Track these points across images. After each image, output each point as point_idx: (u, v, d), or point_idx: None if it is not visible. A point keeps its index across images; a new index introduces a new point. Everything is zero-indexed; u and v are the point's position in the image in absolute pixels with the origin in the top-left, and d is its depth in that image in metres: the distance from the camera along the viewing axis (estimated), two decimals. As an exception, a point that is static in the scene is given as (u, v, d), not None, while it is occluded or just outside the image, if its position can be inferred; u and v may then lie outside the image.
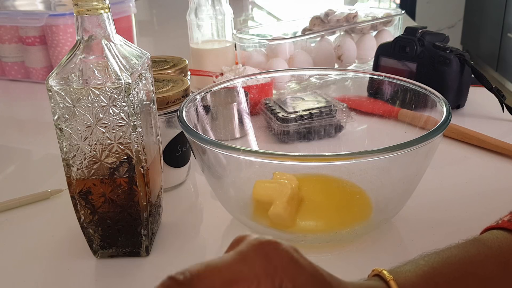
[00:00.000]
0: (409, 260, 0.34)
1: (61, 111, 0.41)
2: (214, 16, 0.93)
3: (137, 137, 0.43)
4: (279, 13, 1.86)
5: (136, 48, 0.46)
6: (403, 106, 0.58)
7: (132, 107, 0.42)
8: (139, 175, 0.44)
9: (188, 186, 0.62)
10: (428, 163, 0.48)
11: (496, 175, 0.62)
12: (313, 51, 0.96)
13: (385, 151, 0.41)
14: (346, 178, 0.51)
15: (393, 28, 1.07)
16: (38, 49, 1.03)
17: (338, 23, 1.00)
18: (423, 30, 0.80)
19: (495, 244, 0.35)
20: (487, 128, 0.70)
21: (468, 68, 0.77)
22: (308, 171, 0.52)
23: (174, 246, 0.50)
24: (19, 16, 1.01)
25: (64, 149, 0.43)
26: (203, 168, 0.50)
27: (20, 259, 0.49)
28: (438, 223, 0.52)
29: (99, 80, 0.40)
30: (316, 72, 0.85)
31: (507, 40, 3.04)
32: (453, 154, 0.68)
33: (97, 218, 0.46)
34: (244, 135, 0.66)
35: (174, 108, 0.56)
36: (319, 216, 0.50)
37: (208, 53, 0.94)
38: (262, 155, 0.43)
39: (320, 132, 0.69)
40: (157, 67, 0.67)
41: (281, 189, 0.47)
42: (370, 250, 0.48)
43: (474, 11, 3.57)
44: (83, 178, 0.44)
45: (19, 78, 1.08)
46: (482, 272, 0.34)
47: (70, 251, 0.50)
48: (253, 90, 0.70)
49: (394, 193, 0.49)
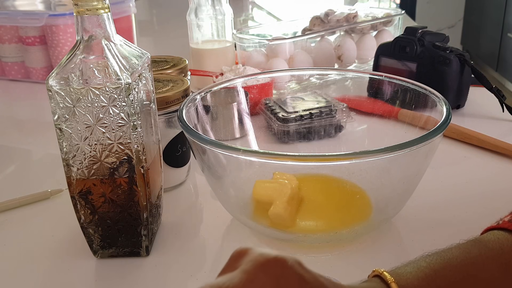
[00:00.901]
0: (409, 261, 0.34)
1: (61, 111, 0.41)
2: (214, 16, 0.93)
3: (137, 137, 0.43)
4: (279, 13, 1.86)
5: (136, 48, 0.46)
6: (403, 106, 0.58)
7: (132, 107, 0.42)
8: (139, 175, 0.44)
9: (188, 186, 0.62)
10: (428, 163, 0.48)
11: (496, 175, 0.62)
12: (313, 51, 0.96)
13: (385, 151, 0.41)
14: (346, 178, 0.51)
15: (393, 28, 1.07)
16: (38, 49, 1.03)
17: (338, 23, 1.00)
18: (423, 30, 0.80)
19: (496, 245, 0.35)
20: (487, 128, 0.70)
21: (468, 68, 0.77)
22: (308, 171, 0.52)
23: (174, 246, 0.50)
24: (19, 16, 1.01)
25: (64, 149, 0.43)
26: (203, 168, 0.50)
27: (20, 259, 0.49)
28: (438, 223, 0.52)
29: (99, 80, 0.40)
30: (316, 72, 0.85)
31: (507, 40, 3.04)
32: (453, 154, 0.68)
33: (97, 218, 0.46)
34: (244, 135, 0.66)
35: (174, 108, 0.56)
36: (319, 216, 0.50)
37: (208, 53, 0.94)
38: (262, 155, 0.43)
39: (320, 132, 0.69)
40: (157, 67, 0.67)
41: (281, 189, 0.47)
42: (370, 250, 0.48)
43: (474, 11, 3.57)
44: (83, 178, 0.44)
45: (19, 78, 1.08)
46: (483, 274, 0.33)
47: (70, 251, 0.50)
48: (253, 90, 0.70)
49: (394, 193, 0.49)
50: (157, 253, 0.49)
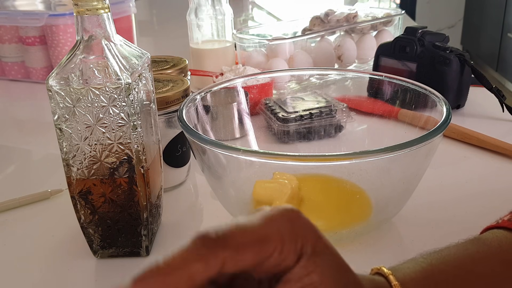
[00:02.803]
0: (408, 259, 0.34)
1: (61, 111, 0.41)
2: (214, 16, 0.93)
3: (137, 137, 0.43)
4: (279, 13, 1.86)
5: (136, 48, 0.46)
6: (403, 106, 0.58)
7: (132, 107, 0.42)
8: (139, 175, 0.44)
9: (188, 186, 0.62)
10: (428, 163, 0.48)
11: (496, 175, 0.62)
12: (313, 51, 0.96)
13: (385, 151, 0.41)
14: (346, 178, 0.51)
15: (393, 28, 1.07)
16: (38, 49, 1.03)
17: (338, 23, 1.00)
18: (423, 30, 0.80)
19: (495, 242, 0.35)
20: (487, 128, 0.70)
21: (468, 68, 0.77)
22: (308, 171, 0.52)
23: (174, 246, 0.50)
24: (19, 16, 1.01)
25: (64, 149, 0.43)
26: (203, 168, 0.50)
27: (20, 259, 0.49)
28: (438, 223, 0.52)
29: (99, 80, 0.40)
30: (316, 72, 0.85)
31: (507, 40, 3.04)
32: (453, 154, 0.68)
33: (97, 218, 0.46)
34: (244, 135, 0.66)
35: (174, 108, 0.56)
36: (319, 216, 0.50)
37: (208, 53, 0.94)
38: (262, 155, 0.43)
39: (320, 132, 0.69)
40: (157, 67, 0.67)
41: (281, 189, 0.47)
42: (370, 250, 0.48)
43: (474, 11, 3.57)
44: (83, 178, 0.44)
45: (19, 78, 1.08)
46: (481, 270, 0.34)
47: (70, 251, 0.50)
48: (253, 90, 0.70)
49: (394, 193, 0.49)
50: (157, 253, 0.49)
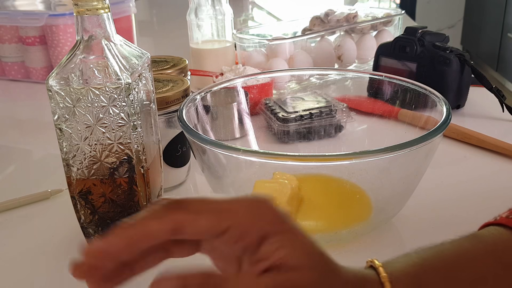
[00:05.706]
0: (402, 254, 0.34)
1: (61, 111, 0.41)
2: (214, 16, 0.93)
3: (137, 137, 0.43)
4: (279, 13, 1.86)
5: (136, 48, 0.46)
6: (403, 106, 0.58)
7: (132, 107, 0.42)
8: (139, 175, 0.44)
9: (188, 186, 0.62)
10: (428, 163, 0.48)
11: (496, 175, 0.62)
12: (313, 51, 0.96)
13: (385, 151, 0.41)
14: (346, 178, 0.51)
15: (393, 28, 1.07)
16: (38, 49, 1.03)
17: (338, 23, 1.00)
18: (423, 30, 0.80)
19: (489, 239, 0.35)
20: (487, 128, 0.70)
21: (468, 68, 0.77)
22: (308, 171, 0.52)
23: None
24: (19, 16, 1.01)
25: (64, 149, 0.43)
26: (203, 168, 0.50)
27: (20, 259, 0.49)
28: (438, 222, 0.52)
29: (99, 80, 0.40)
30: (316, 72, 0.85)
31: (507, 40, 3.04)
32: (453, 154, 0.68)
33: (97, 218, 0.46)
34: (244, 135, 0.66)
35: (174, 108, 0.56)
36: (319, 216, 0.50)
37: (208, 53, 0.94)
38: (262, 155, 0.43)
39: (320, 132, 0.69)
40: (157, 67, 0.67)
41: (281, 189, 0.47)
42: (370, 250, 0.48)
43: (474, 11, 3.57)
44: (83, 178, 0.44)
45: (19, 78, 1.08)
46: (474, 266, 0.34)
47: (70, 251, 0.50)
48: (253, 90, 0.70)
49: (394, 193, 0.49)
50: (157, 253, 0.49)
